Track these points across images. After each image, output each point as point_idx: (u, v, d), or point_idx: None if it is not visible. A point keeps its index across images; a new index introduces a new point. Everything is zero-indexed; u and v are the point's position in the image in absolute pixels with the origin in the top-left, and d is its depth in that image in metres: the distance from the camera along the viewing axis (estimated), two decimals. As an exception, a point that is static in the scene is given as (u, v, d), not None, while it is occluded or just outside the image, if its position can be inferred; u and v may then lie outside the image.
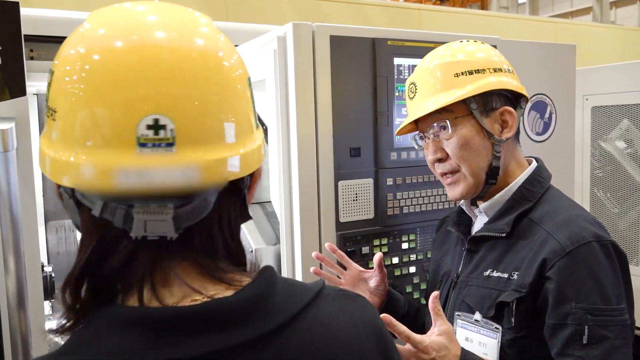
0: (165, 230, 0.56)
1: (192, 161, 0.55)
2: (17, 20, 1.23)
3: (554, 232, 1.04)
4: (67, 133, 0.56)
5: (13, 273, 1.20)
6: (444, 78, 1.12)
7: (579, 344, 0.97)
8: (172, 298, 0.58)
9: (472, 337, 1.11)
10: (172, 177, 0.54)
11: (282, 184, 1.44)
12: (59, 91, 0.57)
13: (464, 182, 1.14)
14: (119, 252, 0.58)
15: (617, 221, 2.48)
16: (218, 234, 0.61)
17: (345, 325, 0.64)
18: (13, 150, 1.19)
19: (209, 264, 0.61)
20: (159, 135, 0.54)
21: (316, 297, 0.65)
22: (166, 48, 0.56)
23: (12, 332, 1.21)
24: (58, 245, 2.16)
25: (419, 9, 6.48)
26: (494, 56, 1.16)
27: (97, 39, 0.57)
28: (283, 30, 1.42)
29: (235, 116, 0.60)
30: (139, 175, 0.54)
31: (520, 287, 1.04)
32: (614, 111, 2.47)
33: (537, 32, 7.08)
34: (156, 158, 0.54)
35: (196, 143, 0.56)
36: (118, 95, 0.54)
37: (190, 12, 0.63)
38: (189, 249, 0.59)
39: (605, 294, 0.98)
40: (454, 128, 1.11)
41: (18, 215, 1.21)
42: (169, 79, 0.55)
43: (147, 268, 0.58)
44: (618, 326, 0.97)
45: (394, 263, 1.53)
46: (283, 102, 1.42)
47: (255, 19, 4.50)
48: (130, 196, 0.55)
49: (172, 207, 0.56)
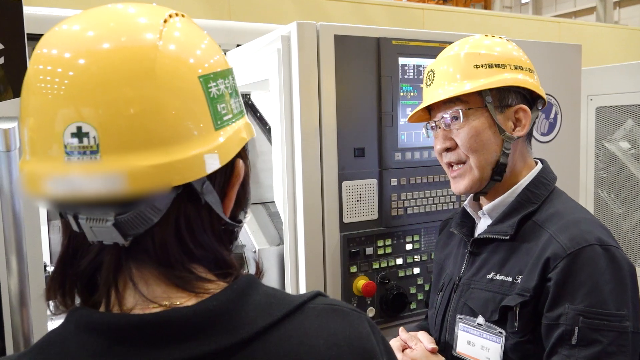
0: (112, 237, 0.55)
1: (117, 169, 0.53)
2: (20, 19, 1.22)
3: (556, 235, 1.03)
4: (22, 141, 0.58)
5: (15, 273, 1.20)
6: (463, 68, 1.12)
7: (568, 343, 0.96)
8: (133, 304, 0.58)
9: (474, 341, 1.10)
10: (96, 186, 0.53)
11: (285, 184, 1.43)
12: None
13: (470, 175, 1.13)
14: (89, 252, 0.59)
15: (621, 222, 2.47)
16: (174, 241, 0.58)
17: (324, 344, 0.60)
18: (16, 149, 1.18)
19: (168, 271, 0.58)
20: (82, 143, 0.53)
21: (295, 311, 0.61)
22: (91, 53, 0.54)
23: (15, 331, 1.21)
24: (61, 244, 2.15)
25: (422, 8, 6.47)
26: (517, 53, 1.16)
27: (37, 47, 0.58)
28: (287, 30, 1.41)
29: (177, 118, 0.56)
30: (65, 183, 0.53)
31: (524, 291, 1.03)
32: (618, 112, 2.46)
33: (541, 31, 7.06)
34: (80, 166, 0.53)
35: (124, 149, 0.53)
36: (47, 104, 0.54)
37: (148, 10, 0.60)
38: (146, 255, 0.58)
39: (602, 299, 0.96)
40: (466, 119, 1.11)
41: (21, 214, 1.20)
42: (92, 86, 0.53)
43: (110, 271, 0.58)
44: (614, 332, 0.95)
45: (398, 264, 1.52)
46: (287, 102, 1.41)
47: (258, 18, 4.49)
48: (66, 203, 0.55)
49: (113, 214, 0.54)
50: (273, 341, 0.58)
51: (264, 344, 0.57)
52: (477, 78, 1.10)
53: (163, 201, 0.56)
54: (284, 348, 0.58)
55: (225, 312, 0.57)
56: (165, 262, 0.58)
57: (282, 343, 0.58)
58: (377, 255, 1.49)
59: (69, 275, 0.60)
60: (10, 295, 1.20)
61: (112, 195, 0.53)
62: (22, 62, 1.23)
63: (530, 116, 1.13)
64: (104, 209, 0.54)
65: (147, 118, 0.54)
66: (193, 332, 0.55)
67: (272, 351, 0.57)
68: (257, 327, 0.58)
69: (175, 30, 0.59)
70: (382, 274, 1.49)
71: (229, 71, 0.64)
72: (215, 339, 0.56)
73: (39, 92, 0.55)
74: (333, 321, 0.63)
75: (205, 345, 0.55)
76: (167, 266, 0.58)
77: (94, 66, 0.54)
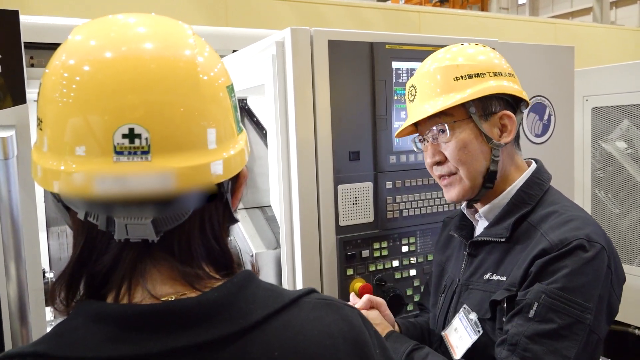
0: (146, 233, 0.59)
1: (167, 168, 0.57)
2: (17, 29, 1.24)
3: (547, 233, 1.04)
4: (52, 142, 0.59)
5: (14, 279, 1.21)
6: (443, 81, 1.12)
7: (525, 316, 0.98)
8: (143, 298, 0.61)
9: (458, 329, 1.13)
10: (148, 184, 0.56)
11: (281, 188, 1.44)
12: (45, 101, 0.60)
13: (460, 185, 1.14)
14: (108, 251, 0.61)
15: (618, 222, 2.48)
16: (198, 237, 0.64)
17: (318, 334, 0.64)
18: (14, 157, 1.20)
19: (185, 269, 0.63)
20: (134, 143, 0.56)
21: (291, 304, 0.65)
22: (142, 59, 0.58)
23: (14, 338, 1.22)
24: (60, 251, 2.17)
25: (418, 11, 6.49)
26: (495, 59, 1.16)
27: (78, 51, 0.59)
28: (281, 35, 1.43)
29: (214, 123, 0.62)
30: (116, 182, 0.56)
31: (511, 285, 1.04)
32: (614, 112, 2.47)
33: (537, 33, 7.08)
34: (132, 166, 0.56)
35: (172, 150, 0.58)
36: (96, 106, 0.57)
37: (174, 24, 0.65)
38: (168, 252, 0.62)
39: (571, 286, 0.97)
40: (453, 132, 1.11)
41: (19, 221, 1.21)
42: (143, 90, 0.57)
43: (129, 268, 0.61)
44: (571, 318, 0.96)
45: (394, 266, 1.53)
46: (282, 107, 1.43)
47: (255, 23, 4.51)
48: (111, 202, 0.57)
49: (151, 211, 0.58)
50: (271, 331, 0.62)
51: (262, 333, 0.61)
52: (460, 90, 1.11)
53: (197, 199, 0.61)
54: (281, 337, 0.62)
55: (227, 303, 0.61)
56: (187, 257, 0.63)
57: (279, 333, 0.62)
58: (374, 257, 1.50)
59: (81, 274, 0.63)
60: (9, 301, 1.21)
61: (161, 192, 0.57)
62: (20, 71, 1.24)
63: (515, 121, 1.14)
64: (144, 206, 0.58)
65: (192, 123, 0.59)
66: (197, 320, 0.59)
67: (270, 340, 0.61)
68: (256, 317, 0.62)
69: (203, 45, 0.65)
70: (379, 276, 1.50)
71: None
72: (218, 327, 0.59)
73: (86, 94, 0.57)
74: (327, 314, 0.66)
75: (208, 333, 0.59)
76: (186, 262, 0.63)
77: (148, 72, 0.58)
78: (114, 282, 0.62)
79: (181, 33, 0.64)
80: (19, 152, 1.22)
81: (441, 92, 1.12)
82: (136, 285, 0.62)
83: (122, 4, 3.75)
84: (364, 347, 0.66)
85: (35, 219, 1.29)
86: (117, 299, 0.61)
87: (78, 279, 0.63)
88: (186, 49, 0.62)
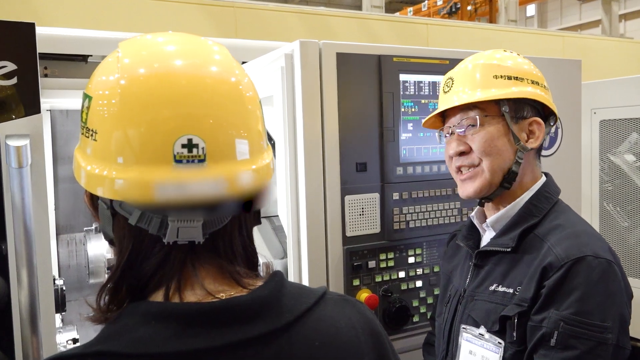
0: (194, 235, 0.64)
1: (221, 174, 0.64)
2: (33, 41, 1.27)
3: (554, 246, 1.05)
4: (109, 150, 0.63)
5: (26, 286, 1.22)
6: (483, 77, 1.15)
7: (547, 345, 0.99)
8: (194, 297, 0.66)
9: (475, 351, 1.12)
10: (205, 189, 0.63)
11: (289, 198, 1.45)
12: (100, 114, 0.65)
13: (480, 179, 1.14)
14: (153, 255, 0.65)
15: (627, 235, 2.46)
16: (238, 238, 0.70)
17: (345, 326, 0.72)
18: (27, 166, 1.22)
19: (229, 267, 0.69)
20: (192, 152, 0.62)
21: (320, 300, 0.72)
22: (193, 76, 0.65)
23: (24, 345, 1.23)
24: (69, 258, 2.19)
25: (426, 23, 6.52)
26: (534, 70, 1.19)
27: (139, 67, 0.65)
28: (290, 48, 1.45)
29: (251, 134, 0.68)
30: (176, 188, 0.62)
31: (522, 301, 1.05)
32: (622, 124, 2.46)
33: (545, 45, 7.09)
34: (190, 172, 0.62)
35: (222, 158, 0.64)
36: (157, 118, 0.63)
37: (210, 44, 0.72)
38: (213, 252, 0.68)
39: (587, 309, 0.98)
40: (483, 125, 1.13)
41: (31, 229, 1.23)
42: (198, 104, 0.64)
43: (176, 269, 0.66)
44: (592, 342, 0.97)
45: (401, 277, 1.53)
46: (290, 118, 1.44)
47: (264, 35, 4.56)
48: (167, 206, 0.62)
49: (202, 214, 0.64)
50: (310, 323, 0.69)
51: (302, 326, 0.69)
52: (497, 87, 1.14)
53: (239, 202, 0.67)
54: (318, 329, 0.70)
55: (274, 300, 0.68)
56: (231, 256, 0.69)
57: (317, 325, 0.70)
58: (380, 268, 1.50)
59: (128, 278, 0.67)
60: (20, 308, 1.22)
61: (215, 197, 0.63)
62: (34, 82, 1.27)
63: (544, 129, 1.16)
64: (196, 210, 0.63)
65: (239, 134, 0.67)
66: (251, 316, 0.65)
67: (310, 332, 0.69)
68: (296, 312, 0.69)
69: (240, 66, 0.72)
70: (385, 287, 1.50)
71: None
72: (266, 322, 0.66)
73: (150, 107, 0.63)
74: (346, 308, 0.75)
75: (260, 327, 0.65)
76: (230, 261, 0.69)
77: (202, 88, 0.65)
78: (162, 282, 0.66)
79: (228, 56, 0.71)
80: (33, 161, 1.24)
81: (479, 86, 1.15)
82: (185, 284, 0.66)
83: (134, 17, 3.81)
84: (379, 337, 0.76)
85: (47, 226, 1.30)
86: (167, 297, 0.65)
87: (124, 283, 0.67)
88: (235, 69, 0.70)
